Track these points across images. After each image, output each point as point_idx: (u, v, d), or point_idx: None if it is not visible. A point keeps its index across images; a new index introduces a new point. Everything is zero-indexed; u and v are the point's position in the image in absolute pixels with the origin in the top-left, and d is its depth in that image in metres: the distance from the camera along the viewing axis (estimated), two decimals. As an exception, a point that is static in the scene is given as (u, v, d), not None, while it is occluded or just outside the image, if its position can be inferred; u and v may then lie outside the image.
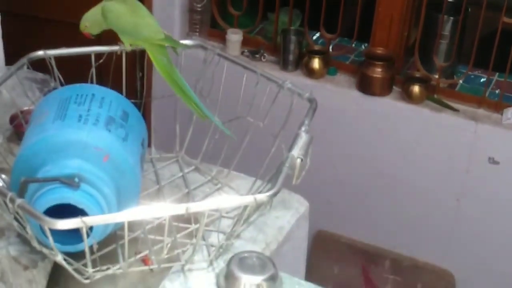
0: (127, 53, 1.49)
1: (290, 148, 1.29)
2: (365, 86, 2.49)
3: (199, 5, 2.69)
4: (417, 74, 2.47)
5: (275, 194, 1.21)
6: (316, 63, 2.55)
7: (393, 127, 2.50)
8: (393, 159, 2.54)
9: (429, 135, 2.47)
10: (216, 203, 1.22)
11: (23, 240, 1.30)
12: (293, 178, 1.30)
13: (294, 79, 2.50)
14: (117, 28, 1.41)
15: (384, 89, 2.48)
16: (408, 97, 2.44)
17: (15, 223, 1.23)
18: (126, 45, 1.44)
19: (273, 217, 1.46)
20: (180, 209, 1.16)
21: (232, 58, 1.54)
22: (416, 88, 2.43)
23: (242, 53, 2.69)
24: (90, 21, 1.41)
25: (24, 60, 1.46)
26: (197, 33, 2.73)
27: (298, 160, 1.27)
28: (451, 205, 2.51)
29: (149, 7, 2.70)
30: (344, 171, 2.64)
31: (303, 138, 1.30)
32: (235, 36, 2.67)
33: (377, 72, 2.45)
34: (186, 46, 1.50)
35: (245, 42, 2.71)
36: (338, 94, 2.53)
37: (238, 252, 1.27)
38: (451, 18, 2.49)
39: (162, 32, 1.41)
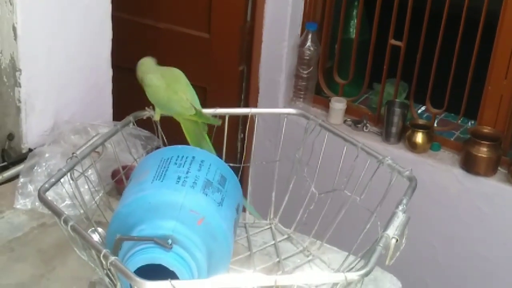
0: (230, 116, 1.53)
1: (386, 227, 1.24)
2: (469, 165, 2.43)
3: (305, 72, 2.70)
4: (525, 157, 2.39)
5: (366, 274, 1.16)
6: (419, 137, 2.51)
7: (495, 209, 2.42)
8: (493, 243, 2.44)
9: (533, 221, 2.36)
10: (305, 278, 1.19)
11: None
12: (386, 258, 1.25)
13: (395, 152, 2.49)
14: (153, 101, 1.51)
15: (489, 170, 2.40)
16: (513, 179, 2.36)
17: (107, 279, 1.24)
18: (157, 117, 1.51)
19: (363, 295, 1.42)
20: (269, 280, 1.14)
21: (333, 130, 1.52)
22: (522, 172, 2.35)
23: (345, 121, 2.69)
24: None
25: (129, 117, 1.51)
26: (301, 99, 2.74)
27: (393, 241, 1.22)
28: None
29: (256, 71, 2.75)
30: (442, 252, 2.55)
31: (399, 218, 1.26)
32: (339, 105, 2.67)
33: (483, 151, 2.38)
34: (215, 121, 1.51)
35: (348, 111, 2.70)
36: (441, 170, 2.48)
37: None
38: None
39: (193, 107, 1.47)
